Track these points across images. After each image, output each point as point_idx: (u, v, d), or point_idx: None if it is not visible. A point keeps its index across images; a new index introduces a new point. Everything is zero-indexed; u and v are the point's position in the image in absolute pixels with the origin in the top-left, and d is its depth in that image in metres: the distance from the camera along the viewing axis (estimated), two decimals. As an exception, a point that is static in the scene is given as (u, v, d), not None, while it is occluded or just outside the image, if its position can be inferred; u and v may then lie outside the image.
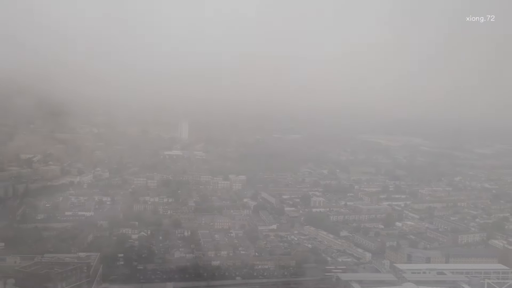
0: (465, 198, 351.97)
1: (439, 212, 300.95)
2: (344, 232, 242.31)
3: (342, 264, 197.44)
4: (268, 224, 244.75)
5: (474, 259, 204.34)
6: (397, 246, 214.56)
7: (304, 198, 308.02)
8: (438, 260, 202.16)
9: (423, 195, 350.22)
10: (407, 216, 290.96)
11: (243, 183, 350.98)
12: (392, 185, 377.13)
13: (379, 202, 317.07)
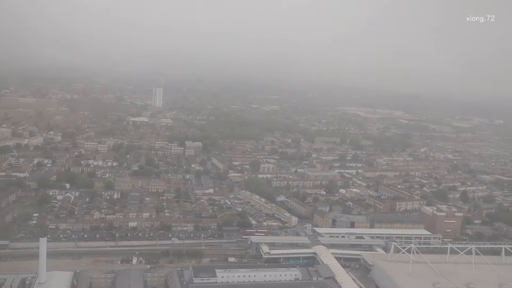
0: (423, 168, 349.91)
1: (389, 181, 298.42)
2: (281, 197, 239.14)
3: (266, 228, 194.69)
4: (206, 188, 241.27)
5: (400, 224, 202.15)
6: (324, 211, 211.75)
7: (253, 165, 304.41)
8: (363, 225, 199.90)
9: (380, 164, 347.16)
10: (355, 183, 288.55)
11: (198, 149, 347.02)
12: (352, 154, 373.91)
13: (330, 169, 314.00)
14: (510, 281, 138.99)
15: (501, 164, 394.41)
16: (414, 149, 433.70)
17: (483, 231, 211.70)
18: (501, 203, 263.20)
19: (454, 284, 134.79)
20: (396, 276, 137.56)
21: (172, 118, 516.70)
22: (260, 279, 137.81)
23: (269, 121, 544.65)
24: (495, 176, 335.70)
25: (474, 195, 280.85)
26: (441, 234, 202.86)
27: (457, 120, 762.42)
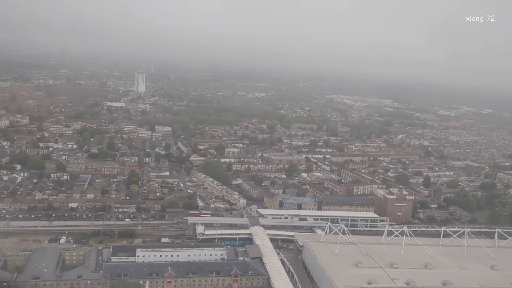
0: (394, 153, 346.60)
1: (355, 165, 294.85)
2: (238, 180, 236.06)
3: (213, 210, 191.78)
4: (161, 171, 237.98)
5: (349, 207, 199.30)
6: (273, 194, 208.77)
7: (219, 149, 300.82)
8: (310, 207, 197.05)
9: (350, 150, 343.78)
10: (319, 168, 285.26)
11: (168, 134, 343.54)
12: (324, 140, 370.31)
13: (298, 154, 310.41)
14: (438, 262, 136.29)
15: (476, 151, 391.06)
16: (391, 136, 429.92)
17: (436, 215, 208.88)
18: (464, 188, 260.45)
19: (378, 264, 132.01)
20: (321, 256, 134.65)
21: (151, 103, 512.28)
22: (183, 259, 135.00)
23: (249, 108, 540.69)
24: (466, 162, 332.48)
25: (439, 180, 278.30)
26: (392, 217, 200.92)
27: (444, 108, 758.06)
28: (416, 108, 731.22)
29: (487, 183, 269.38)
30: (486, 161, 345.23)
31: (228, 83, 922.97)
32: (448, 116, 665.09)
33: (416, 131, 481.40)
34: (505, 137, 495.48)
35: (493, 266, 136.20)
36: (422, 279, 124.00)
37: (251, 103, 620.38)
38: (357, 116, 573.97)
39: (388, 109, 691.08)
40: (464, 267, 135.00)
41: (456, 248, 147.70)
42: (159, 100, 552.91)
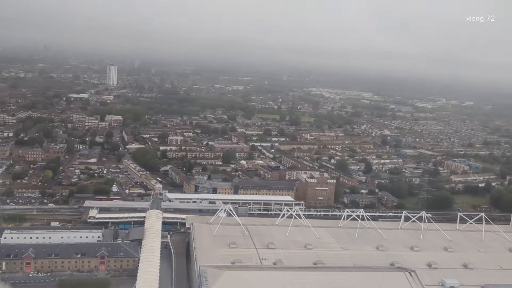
0: (350, 142, 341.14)
1: (301, 153, 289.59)
2: (167, 167, 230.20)
3: (126, 195, 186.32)
4: (89, 158, 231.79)
5: (267, 191, 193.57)
6: (190, 179, 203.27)
7: (162, 137, 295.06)
8: (226, 191, 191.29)
9: (303, 138, 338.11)
10: (262, 155, 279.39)
11: (118, 123, 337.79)
12: (279, 129, 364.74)
13: (246, 142, 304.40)
14: (322, 243, 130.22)
15: (437, 140, 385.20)
16: (354, 126, 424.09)
17: (360, 200, 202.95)
18: (404, 174, 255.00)
19: (254, 245, 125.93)
20: (199, 237, 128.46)
21: (117, 95, 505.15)
22: (56, 241, 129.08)
23: (218, 99, 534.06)
24: (420, 151, 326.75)
25: (383, 167, 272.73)
26: (313, 201, 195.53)
27: (423, 101, 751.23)
28: (394, 101, 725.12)
29: (430, 170, 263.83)
30: (442, 149, 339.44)
31: (209, 76, 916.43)
32: (425, 108, 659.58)
33: (383, 122, 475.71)
34: (474, 127, 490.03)
35: (378, 246, 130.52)
36: (295, 259, 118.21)
37: (224, 95, 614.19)
38: (329, 107, 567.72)
39: (364, 101, 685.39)
40: (347, 248, 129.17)
41: (351, 230, 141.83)
42: (127, 92, 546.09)
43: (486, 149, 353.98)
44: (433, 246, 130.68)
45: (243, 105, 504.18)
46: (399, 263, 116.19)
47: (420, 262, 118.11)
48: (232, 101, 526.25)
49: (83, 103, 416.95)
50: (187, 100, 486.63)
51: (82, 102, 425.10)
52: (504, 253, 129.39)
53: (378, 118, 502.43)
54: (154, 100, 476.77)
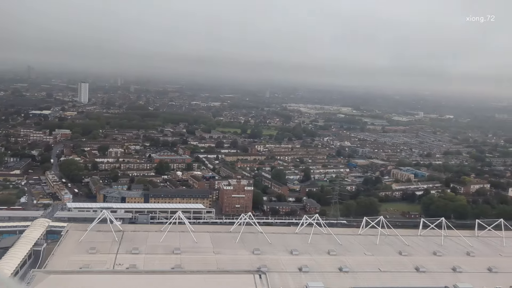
0: (303, 153, 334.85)
1: (245, 164, 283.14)
2: (88, 179, 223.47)
3: (33, 205, 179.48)
4: (11, 170, 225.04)
5: (180, 199, 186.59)
6: (101, 188, 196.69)
7: (102, 149, 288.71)
8: (136, 200, 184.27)
9: (255, 150, 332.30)
10: (202, 166, 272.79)
11: (64, 137, 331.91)
12: (232, 141, 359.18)
13: (192, 155, 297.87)
14: (193, 247, 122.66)
15: (396, 151, 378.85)
16: (315, 138, 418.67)
17: (281, 207, 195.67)
18: (341, 182, 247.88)
19: (117, 251, 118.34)
20: (64, 243, 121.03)
21: (82, 111, 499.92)
22: None
23: (184, 114, 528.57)
24: (372, 161, 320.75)
25: (325, 176, 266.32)
26: (230, 208, 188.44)
27: (401, 115, 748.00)
28: (371, 115, 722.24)
29: (371, 178, 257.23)
30: (397, 159, 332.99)
31: (191, 94, 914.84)
32: (400, 121, 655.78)
33: (349, 134, 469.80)
34: (443, 139, 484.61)
35: (292, 251, 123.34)
36: (154, 264, 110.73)
37: (195, 111, 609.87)
38: (300, 121, 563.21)
39: (340, 116, 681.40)
40: (220, 252, 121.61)
41: (233, 234, 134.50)
42: (94, 109, 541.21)
43: (444, 159, 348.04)
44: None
45: (209, 119, 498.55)
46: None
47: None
48: (198, 116, 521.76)
49: (40, 119, 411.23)
50: (151, 115, 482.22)
51: (40, 118, 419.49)
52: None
53: (346, 131, 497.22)
54: (117, 116, 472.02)
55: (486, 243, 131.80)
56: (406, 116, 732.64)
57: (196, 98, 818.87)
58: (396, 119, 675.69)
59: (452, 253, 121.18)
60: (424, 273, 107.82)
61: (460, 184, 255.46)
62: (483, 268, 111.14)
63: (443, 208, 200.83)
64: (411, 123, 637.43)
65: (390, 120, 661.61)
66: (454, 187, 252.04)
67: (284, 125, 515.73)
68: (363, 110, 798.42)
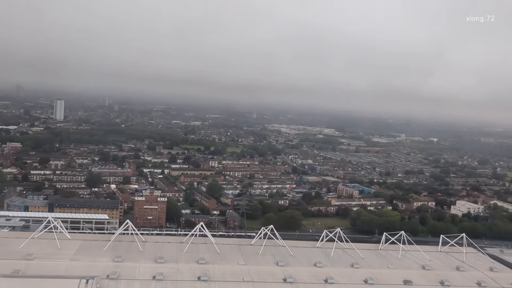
0: (258, 169, 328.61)
1: (189, 178, 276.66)
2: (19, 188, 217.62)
3: None
4: None
5: (88, 209, 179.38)
6: (9, 197, 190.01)
7: (42, 162, 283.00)
8: (40, 209, 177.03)
9: (207, 165, 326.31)
10: (142, 180, 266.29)
11: (14, 150, 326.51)
12: (186, 156, 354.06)
13: (138, 169, 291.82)
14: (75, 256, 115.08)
15: (355, 169, 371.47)
16: (278, 155, 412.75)
17: (197, 219, 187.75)
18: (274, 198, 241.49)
19: None
20: None
21: (48, 127, 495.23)
22: None
23: (157, 132, 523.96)
24: (325, 178, 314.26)
25: (267, 191, 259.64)
26: (142, 220, 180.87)
27: (382, 137, 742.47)
28: (351, 136, 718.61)
29: (309, 194, 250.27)
30: (352, 177, 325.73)
31: (175, 113, 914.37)
32: (379, 142, 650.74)
33: (318, 153, 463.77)
34: (414, 159, 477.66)
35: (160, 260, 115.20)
36: (40, 269, 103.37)
37: (170, 129, 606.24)
38: (274, 140, 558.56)
39: (319, 136, 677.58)
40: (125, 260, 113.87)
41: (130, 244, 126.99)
42: (65, 125, 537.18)
43: (404, 177, 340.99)
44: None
45: (178, 137, 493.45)
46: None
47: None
48: (168, 133, 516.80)
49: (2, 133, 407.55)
50: (118, 131, 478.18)
51: (1, 132, 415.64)
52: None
53: (317, 150, 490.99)
54: (83, 131, 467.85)
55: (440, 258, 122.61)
56: (388, 138, 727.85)
57: (179, 118, 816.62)
58: (376, 141, 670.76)
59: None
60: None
61: (403, 201, 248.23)
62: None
63: (368, 223, 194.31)
64: (390, 145, 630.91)
65: (369, 141, 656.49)
66: (396, 204, 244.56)
67: (255, 143, 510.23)
68: (346, 132, 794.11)
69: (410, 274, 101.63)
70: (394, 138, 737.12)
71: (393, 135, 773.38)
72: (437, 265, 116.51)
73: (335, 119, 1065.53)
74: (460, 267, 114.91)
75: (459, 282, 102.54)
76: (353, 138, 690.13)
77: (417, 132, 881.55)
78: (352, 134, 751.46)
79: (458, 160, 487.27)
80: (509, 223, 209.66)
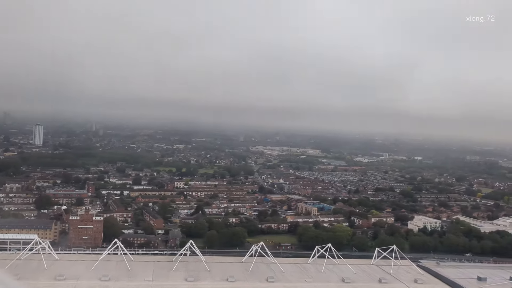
0: (223, 189, 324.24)
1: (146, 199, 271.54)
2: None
3: None
4: None
5: (20, 230, 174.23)
6: None
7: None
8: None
9: (171, 186, 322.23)
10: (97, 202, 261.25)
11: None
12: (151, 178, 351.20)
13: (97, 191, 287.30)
14: None
15: (325, 187, 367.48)
16: (250, 176, 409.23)
17: (136, 239, 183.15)
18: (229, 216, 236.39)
19: None
20: None
21: (21, 152, 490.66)
22: None
23: (126, 155, 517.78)
24: (289, 196, 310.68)
25: (224, 210, 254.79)
26: (77, 241, 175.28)
27: (366, 156, 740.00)
28: (334, 156, 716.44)
29: (265, 211, 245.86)
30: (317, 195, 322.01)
31: (161, 137, 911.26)
32: (360, 162, 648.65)
33: (293, 173, 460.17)
34: (390, 177, 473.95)
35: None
36: None
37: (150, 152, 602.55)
38: (253, 161, 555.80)
39: (301, 157, 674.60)
40: None
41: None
42: (40, 150, 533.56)
43: (373, 195, 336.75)
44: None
45: (152, 159, 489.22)
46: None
47: None
48: (142, 156, 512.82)
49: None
50: (91, 155, 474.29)
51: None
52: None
53: (293, 170, 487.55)
54: (54, 155, 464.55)
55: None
56: (371, 157, 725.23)
57: (163, 141, 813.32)
58: (357, 160, 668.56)
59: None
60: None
61: (361, 217, 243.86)
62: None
63: (314, 239, 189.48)
64: (371, 164, 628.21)
65: (350, 160, 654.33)
66: (353, 220, 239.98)
67: (232, 164, 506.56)
68: (331, 152, 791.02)
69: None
70: (377, 157, 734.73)
71: (377, 154, 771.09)
72: (359, 278, 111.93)
73: (323, 140, 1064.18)
74: (383, 279, 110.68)
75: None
76: (335, 158, 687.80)
77: (404, 151, 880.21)
78: (335, 154, 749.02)
79: (436, 178, 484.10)
80: (463, 237, 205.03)
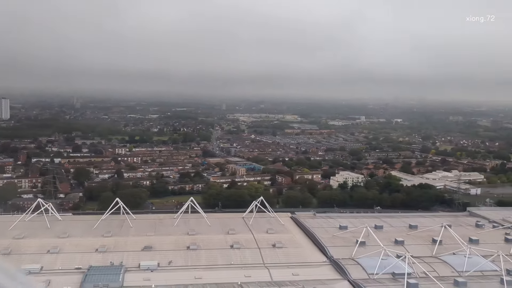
0: (168, 155, 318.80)
1: (73, 165, 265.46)
2: None
3: None
4: None
5: None
6: None
7: None
8: None
9: (110, 153, 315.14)
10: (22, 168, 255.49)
11: None
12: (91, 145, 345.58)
13: (26, 159, 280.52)
14: None
15: (275, 150, 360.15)
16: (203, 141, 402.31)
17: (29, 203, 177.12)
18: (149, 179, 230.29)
19: None
20: None
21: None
22: None
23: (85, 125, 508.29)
24: (228, 159, 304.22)
25: (150, 174, 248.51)
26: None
27: (342, 120, 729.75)
28: (310, 121, 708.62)
29: (187, 174, 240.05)
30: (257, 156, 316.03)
31: (141, 109, 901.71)
32: (334, 125, 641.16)
33: (254, 138, 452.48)
34: (351, 139, 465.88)
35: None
36: None
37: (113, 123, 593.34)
38: (220, 129, 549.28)
39: (275, 122, 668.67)
40: None
41: None
42: (3, 123, 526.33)
43: (321, 156, 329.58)
44: None
45: (112, 129, 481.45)
46: None
47: None
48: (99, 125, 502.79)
49: None
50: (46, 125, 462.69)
51: None
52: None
53: (257, 135, 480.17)
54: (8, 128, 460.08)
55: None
56: (348, 121, 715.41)
57: (140, 112, 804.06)
58: (331, 124, 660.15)
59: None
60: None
61: (286, 176, 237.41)
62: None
63: (215, 196, 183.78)
64: (344, 127, 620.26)
65: (324, 124, 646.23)
66: (276, 178, 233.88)
67: (195, 132, 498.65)
68: (308, 117, 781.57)
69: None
70: (354, 121, 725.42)
71: (354, 118, 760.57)
72: (210, 230, 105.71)
73: (310, 107, 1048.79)
74: (231, 230, 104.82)
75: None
76: (310, 122, 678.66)
77: (388, 115, 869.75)
78: (312, 119, 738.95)
79: (400, 138, 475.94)
80: (373, 191, 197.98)
